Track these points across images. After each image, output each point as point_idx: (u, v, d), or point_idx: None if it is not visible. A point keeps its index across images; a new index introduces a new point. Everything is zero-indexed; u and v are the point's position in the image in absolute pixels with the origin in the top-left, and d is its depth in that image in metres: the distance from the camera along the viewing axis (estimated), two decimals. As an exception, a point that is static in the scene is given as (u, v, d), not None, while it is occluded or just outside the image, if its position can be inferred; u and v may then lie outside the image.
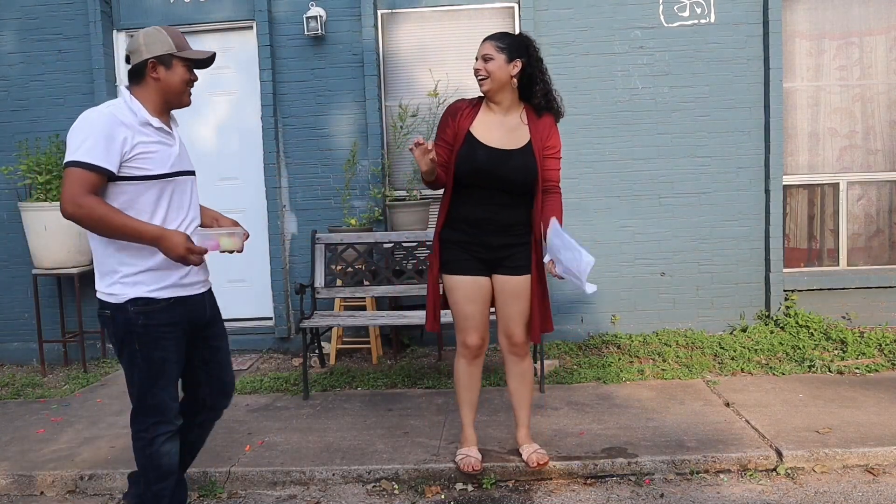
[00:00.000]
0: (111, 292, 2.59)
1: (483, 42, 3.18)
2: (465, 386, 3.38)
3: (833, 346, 5.08)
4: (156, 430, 2.69)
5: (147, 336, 2.60)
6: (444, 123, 3.25)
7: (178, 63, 2.63)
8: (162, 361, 2.64)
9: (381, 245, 5.15)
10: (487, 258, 3.24)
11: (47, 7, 5.71)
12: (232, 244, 2.64)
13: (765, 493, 3.19)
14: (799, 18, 5.63)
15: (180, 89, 2.67)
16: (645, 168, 5.58)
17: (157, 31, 2.64)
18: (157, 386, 2.66)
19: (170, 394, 2.70)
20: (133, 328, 2.58)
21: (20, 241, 5.63)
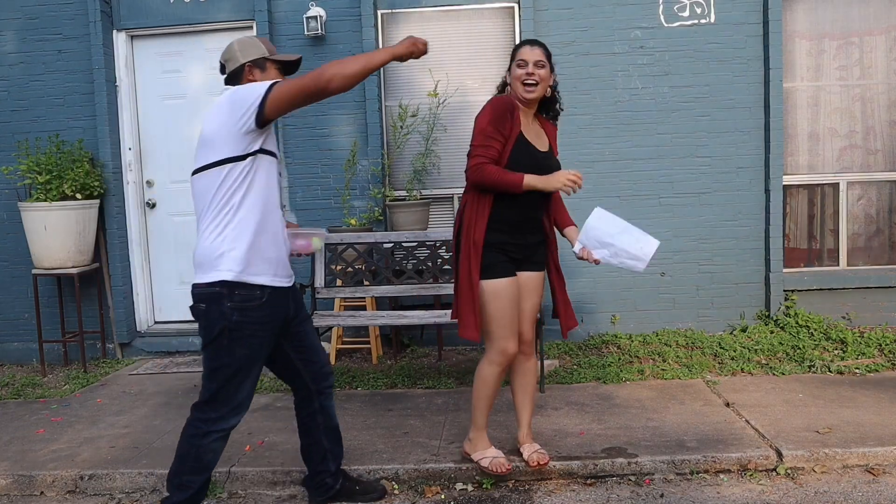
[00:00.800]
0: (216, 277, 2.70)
1: (531, 47, 3.17)
2: (493, 392, 3.29)
3: (833, 346, 5.08)
4: (214, 426, 2.77)
5: (238, 332, 2.70)
6: (503, 117, 3.12)
7: (271, 66, 2.85)
8: (247, 359, 2.75)
9: (381, 245, 5.15)
10: (519, 257, 3.23)
11: (47, 7, 5.71)
12: (320, 245, 3.02)
13: (765, 493, 3.19)
14: (799, 18, 5.63)
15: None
16: (645, 168, 5.59)
17: (250, 38, 2.87)
18: (234, 382, 2.75)
19: (247, 391, 2.81)
20: (227, 324, 2.68)
21: (20, 241, 5.63)
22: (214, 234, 2.70)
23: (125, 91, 5.86)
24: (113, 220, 5.74)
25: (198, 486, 2.83)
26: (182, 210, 5.92)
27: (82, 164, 5.51)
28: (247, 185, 2.70)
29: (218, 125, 2.65)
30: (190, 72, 5.84)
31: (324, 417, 3.10)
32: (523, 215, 3.19)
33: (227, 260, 2.68)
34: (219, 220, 2.70)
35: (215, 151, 2.66)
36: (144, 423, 4.24)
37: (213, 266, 2.69)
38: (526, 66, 3.13)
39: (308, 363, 3.03)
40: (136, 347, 5.87)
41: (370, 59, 2.67)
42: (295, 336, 2.98)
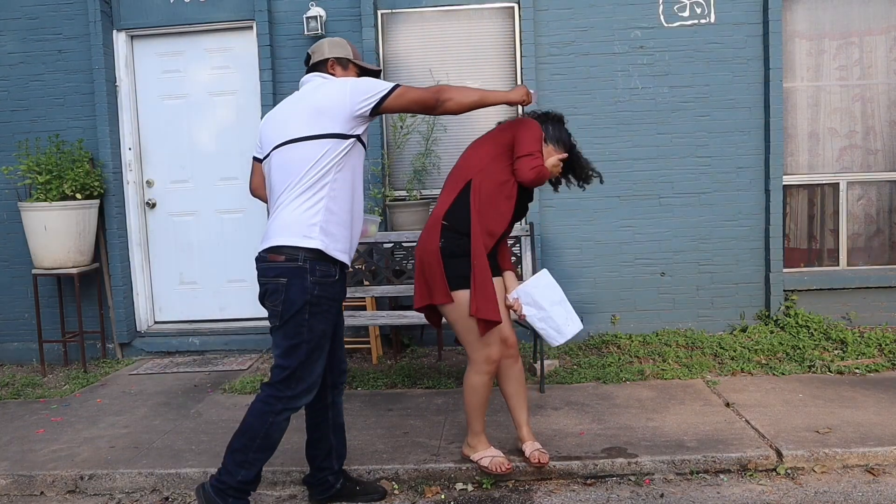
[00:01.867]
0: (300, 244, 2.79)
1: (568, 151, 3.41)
2: (487, 399, 3.33)
3: (833, 346, 5.08)
4: (292, 403, 2.83)
5: (318, 307, 2.79)
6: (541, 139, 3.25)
7: (352, 67, 3.06)
8: (323, 334, 2.83)
9: (381, 245, 5.15)
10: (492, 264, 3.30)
11: (47, 7, 5.71)
12: (375, 232, 3.19)
13: (765, 493, 3.19)
14: (799, 18, 5.63)
15: None
16: (645, 168, 5.59)
17: (340, 39, 3.10)
18: (312, 360, 2.83)
19: (321, 368, 2.88)
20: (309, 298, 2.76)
21: (20, 241, 5.63)
22: (308, 205, 2.78)
23: (125, 91, 5.86)
24: (113, 220, 5.74)
25: (262, 464, 2.88)
26: (182, 210, 5.92)
27: (82, 164, 5.51)
28: (343, 164, 2.82)
29: (333, 102, 2.80)
30: (190, 72, 5.84)
31: (334, 413, 3.13)
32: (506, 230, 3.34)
33: (319, 231, 2.77)
34: (313, 192, 2.78)
35: (322, 125, 2.79)
36: (144, 423, 4.24)
37: (305, 234, 2.76)
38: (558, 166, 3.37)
39: (332, 354, 3.06)
40: (136, 347, 5.87)
41: (485, 96, 2.99)
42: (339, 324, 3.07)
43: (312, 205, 2.78)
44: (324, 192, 2.79)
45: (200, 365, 5.48)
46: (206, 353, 5.79)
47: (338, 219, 2.83)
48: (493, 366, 3.25)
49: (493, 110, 4.68)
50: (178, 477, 3.48)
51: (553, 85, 5.53)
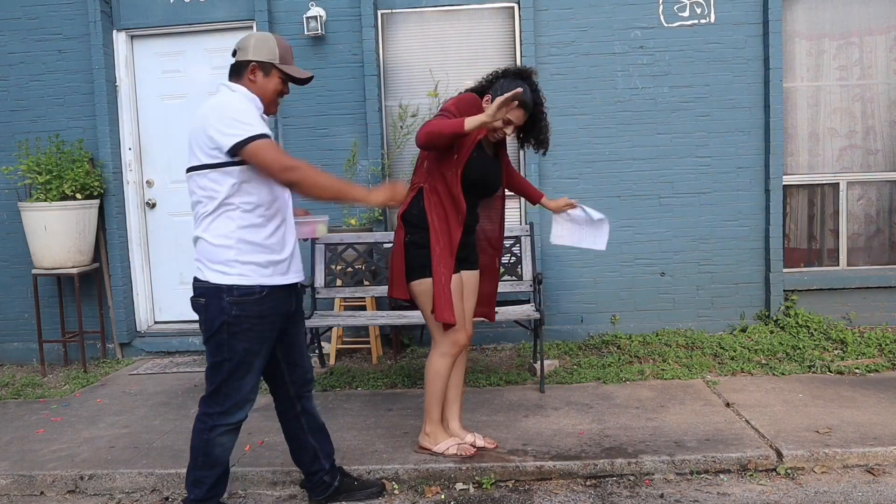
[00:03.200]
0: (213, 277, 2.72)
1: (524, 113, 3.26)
2: (446, 382, 3.46)
3: (833, 346, 5.08)
4: (219, 420, 2.78)
5: (237, 327, 2.70)
6: (469, 107, 3.23)
7: (276, 73, 2.76)
8: (246, 353, 2.74)
9: (381, 245, 5.15)
10: (462, 256, 3.39)
11: (47, 7, 5.71)
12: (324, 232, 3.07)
13: (765, 493, 3.19)
14: (799, 18, 5.63)
15: (270, 98, 2.78)
16: (645, 168, 5.59)
17: (268, 37, 2.78)
18: (236, 377, 2.75)
19: (249, 385, 2.80)
20: (226, 318, 2.69)
21: (20, 241, 5.63)
22: (221, 236, 2.70)
23: (125, 91, 5.86)
24: (113, 220, 5.74)
25: (211, 482, 2.84)
26: (182, 210, 5.91)
27: (82, 164, 5.51)
28: (245, 185, 2.67)
29: (199, 131, 2.67)
30: (190, 72, 5.84)
31: (307, 418, 3.09)
32: (472, 215, 3.38)
33: (234, 264, 2.69)
34: (223, 221, 2.69)
35: (209, 154, 2.65)
36: (144, 423, 4.24)
37: (220, 270, 2.70)
38: (509, 125, 3.25)
39: (293, 367, 3.00)
40: (136, 347, 5.87)
41: (343, 190, 2.74)
42: (285, 335, 2.94)
43: (225, 234, 2.69)
44: (234, 221, 2.68)
45: (200, 365, 5.47)
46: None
47: (254, 245, 2.71)
48: (458, 349, 3.39)
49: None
50: (178, 477, 3.48)
51: (553, 85, 5.53)
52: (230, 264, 2.69)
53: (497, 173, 3.45)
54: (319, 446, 3.12)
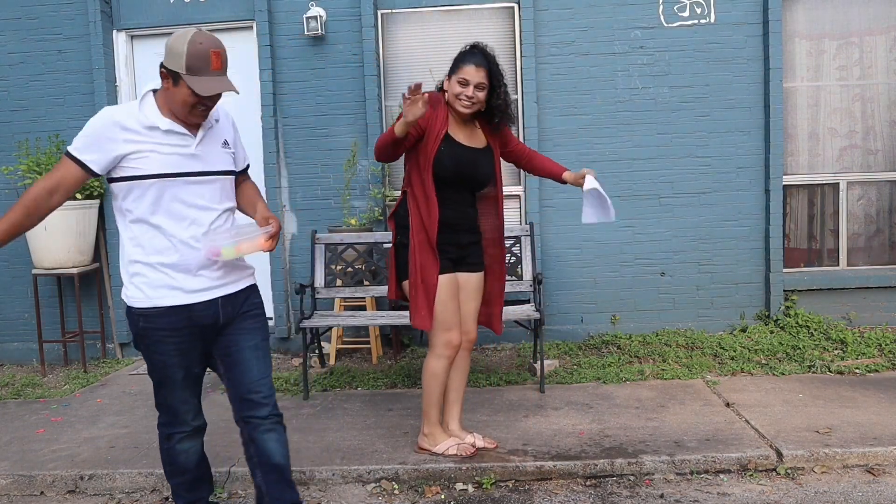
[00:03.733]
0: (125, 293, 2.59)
1: (476, 68, 3.20)
2: (442, 384, 3.46)
3: (833, 346, 5.08)
4: (170, 429, 2.73)
5: (147, 339, 2.58)
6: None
7: (184, 84, 2.43)
8: (163, 366, 2.61)
9: (381, 245, 5.15)
10: (455, 256, 3.37)
11: (47, 7, 5.71)
12: (233, 254, 2.47)
13: (765, 493, 3.19)
14: (799, 18, 5.63)
15: (181, 109, 2.48)
16: (645, 168, 5.58)
17: (179, 41, 2.43)
18: (164, 388, 2.66)
19: (178, 397, 2.67)
20: (136, 330, 2.59)
21: (20, 241, 5.60)
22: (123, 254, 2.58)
23: (125, 91, 5.86)
24: (113, 220, 5.69)
25: (186, 486, 2.82)
26: (182, 210, 5.91)
27: (82, 164, 5.51)
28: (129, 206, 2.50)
29: None
30: (190, 72, 5.83)
31: (257, 451, 2.63)
32: (458, 213, 3.33)
33: (130, 284, 2.55)
34: (123, 236, 2.56)
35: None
36: (144, 423, 4.24)
37: (125, 285, 2.58)
38: (467, 86, 3.20)
39: (233, 384, 2.65)
40: (136, 347, 5.87)
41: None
42: (223, 346, 2.65)
43: (124, 254, 2.57)
44: (128, 234, 2.54)
45: (200, 365, 5.47)
46: (206, 353, 5.79)
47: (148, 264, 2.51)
48: (452, 350, 3.39)
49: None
50: (178, 477, 3.48)
51: (553, 85, 5.53)
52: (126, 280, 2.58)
53: (484, 165, 3.36)
54: (267, 489, 2.64)
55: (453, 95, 3.23)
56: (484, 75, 3.20)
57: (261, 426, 2.62)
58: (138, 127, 2.47)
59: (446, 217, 3.28)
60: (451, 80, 3.26)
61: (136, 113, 2.49)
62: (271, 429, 2.64)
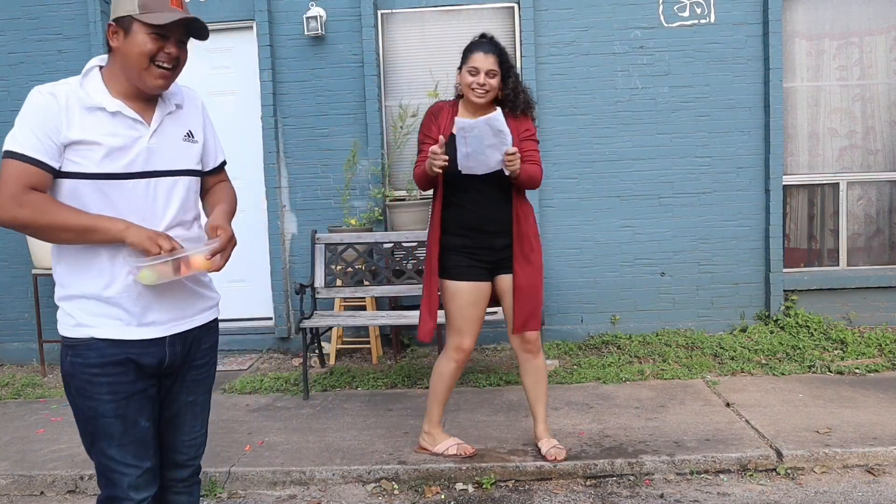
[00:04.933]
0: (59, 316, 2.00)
1: (484, 55, 3.20)
2: (448, 385, 3.47)
3: (833, 346, 5.08)
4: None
5: (77, 379, 1.97)
6: (428, 122, 3.34)
7: (140, 28, 1.88)
8: (94, 416, 1.97)
9: (381, 245, 5.15)
10: (492, 260, 3.31)
11: (47, 7, 5.71)
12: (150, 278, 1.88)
13: (765, 493, 3.19)
14: (799, 18, 5.63)
15: (139, 64, 1.91)
16: (645, 168, 5.59)
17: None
18: (96, 448, 1.99)
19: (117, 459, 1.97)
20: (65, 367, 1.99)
21: (20, 241, 5.63)
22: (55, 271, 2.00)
23: (113, 81, 5.85)
24: (113, 220, 5.72)
25: None
26: (182, 210, 5.91)
27: (82, 164, 5.50)
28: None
29: None
30: (189, 71, 5.81)
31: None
32: (479, 216, 3.26)
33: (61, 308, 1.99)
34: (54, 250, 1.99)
35: None
36: (144, 423, 4.24)
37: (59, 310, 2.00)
38: (477, 74, 3.20)
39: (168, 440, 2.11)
40: (136, 347, 5.87)
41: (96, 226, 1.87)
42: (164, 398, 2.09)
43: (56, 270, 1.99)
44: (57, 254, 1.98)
45: (200, 365, 5.47)
46: (206, 353, 5.78)
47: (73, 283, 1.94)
48: (461, 354, 3.37)
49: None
50: (178, 477, 3.48)
51: (553, 85, 5.53)
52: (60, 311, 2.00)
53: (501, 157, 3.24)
54: None
55: (466, 86, 3.23)
56: (493, 61, 3.19)
57: (174, 488, 2.17)
58: (80, 108, 1.93)
59: (468, 221, 3.26)
60: (462, 71, 3.25)
61: (76, 91, 1.95)
62: (184, 491, 2.20)
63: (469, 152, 3.05)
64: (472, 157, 3.06)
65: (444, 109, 3.33)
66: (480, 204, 3.25)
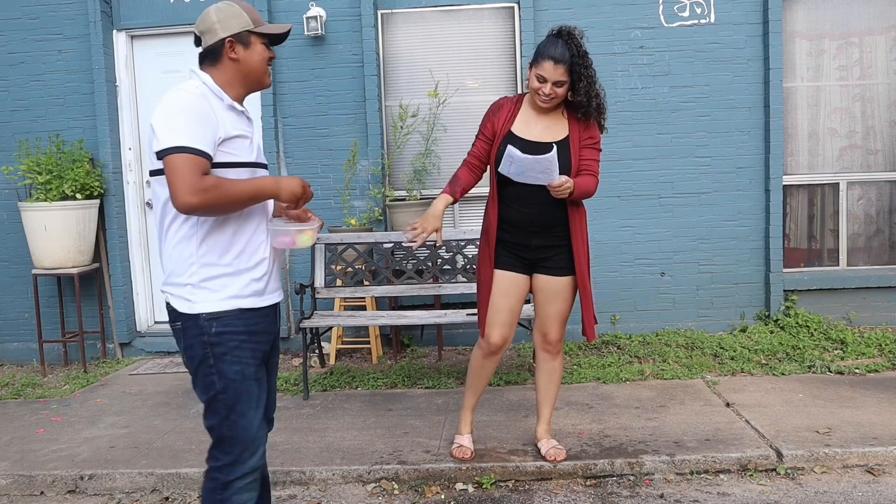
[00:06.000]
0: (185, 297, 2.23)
1: (554, 66, 3.04)
2: (477, 374, 3.46)
3: (833, 346, 5.08)
4: (231, 472, 2.25)
5: (221, 346, 2.22)
6: (486, 119, 3.32)
7: (256, 40, 2.31)
8: (242, 379, 2.24)
9: (381, 245, 5.15)
10: (528, 258, 3.31)
11: (47, 7, 5.71)
12: (309, 241, 2.36)
13: (765, 493, 3.19)
14: (799, 18, 5.63)
15: (261, 69, 2.34)
16: (645, 168, 5.59)
17: (228, 5, 2.31)
18: (237, 411, 2.24)
19: (254, 420, 2.28)
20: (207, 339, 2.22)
21: (20, 241, 5.63)
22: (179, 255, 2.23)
23: (125, 91, 5.86)
24: (113, 220, 5.74)
25: None
26: (182, 210, 5.91)
27: (82, 164, 5.51)
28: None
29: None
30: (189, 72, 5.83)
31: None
32: (522, 214, 3.24)
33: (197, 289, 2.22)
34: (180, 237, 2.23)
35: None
36: (144, 423, 4.24)
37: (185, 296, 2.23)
38: (545, 83, 3.09)
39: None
40: (136, 347, 5.87)
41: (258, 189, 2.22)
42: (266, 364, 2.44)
43: (185, 255, 2.22)
44: (192, 237, 2.21)
45: (200, 365, 5.47)
46: (206, 353, 5.78)
47: (219, 265, 2.22)
48: (488, 345, 3.36)
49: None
50: (178, 477, 3.49)
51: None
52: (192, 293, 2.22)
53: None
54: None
55: (532, 89, 3.15)
56: (563, 72, 3.04)
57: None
58: (222, 108, 2.25)
59: (509, 217, 3.26)
60: (531, 73, 3.15)
61: (213, 89, 2.27)
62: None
63: (512, 172, 3.09)
64: (515, 175, 3.10)
65: (505, 107, 3.26)
66: (523, 203, 3.21)
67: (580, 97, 3.11)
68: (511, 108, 3.27)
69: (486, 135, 3.28)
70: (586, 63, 3.08)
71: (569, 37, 3.08)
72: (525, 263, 3.32)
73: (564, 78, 3.07)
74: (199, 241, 2.21)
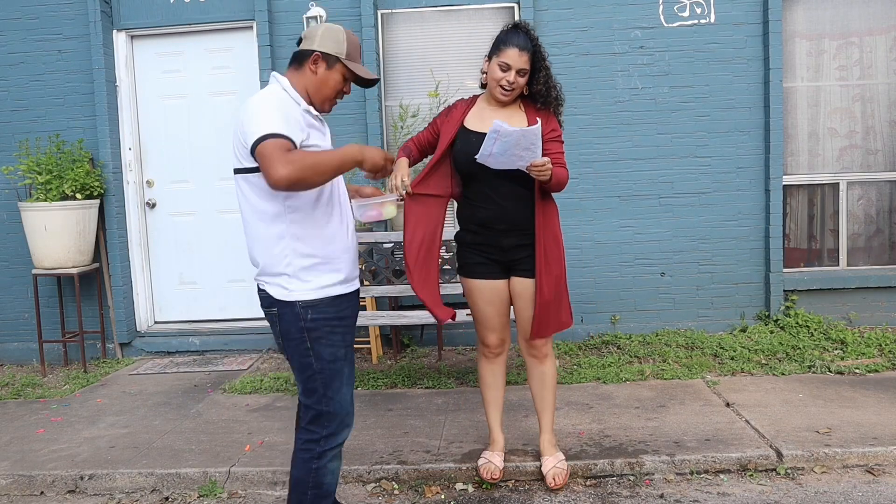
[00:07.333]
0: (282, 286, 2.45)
1: (519, 52, 3.02)
2: (490, 384, 3.38)
3: (833, 346, 5.08)
4: (327, 444, 2.53)
5: (317, 332, 2.46)
6: (442, 114, 3.32)
7: (339, 68, 2.56)
8: (334, 360, 2.50)
9: (381, 245, 5.15)
10: (503, 260, 3.19)
11: (47, 7, 5.71)
12: (393, 211, 2.66)
13: (765, 493, 3.19)
14: (799, 18, 5.63)
15: (328, 94, 2.57)
16: (645, 168, 5.59)
17: (338, 29, 2.57)
18: (333, 388, 2.51)
19: (347, 396, 2.56)
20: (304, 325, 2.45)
21: (20, 241, 5.63)
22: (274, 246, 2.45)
23: (125, 91, 5.86)
24: (113, 220, 5.74)
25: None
26: (182, 210, 5.91)
27: (82, 164, 5.51)
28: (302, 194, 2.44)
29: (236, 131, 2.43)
30: (190, 72, 5.83)
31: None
32: (488, 213, 3.13)
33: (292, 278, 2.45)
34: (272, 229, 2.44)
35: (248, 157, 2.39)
36: (144, 423, 4.24)
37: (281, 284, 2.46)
38: (508, 70, 3.04)
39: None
40: (136, 347, 5.87)
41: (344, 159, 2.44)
42: None
43: (279, 246, 2.44)
44: (283, 228, 2.43)
45: (200, 365, 5.48)
46: (206, 353, 5.79)
47: (311, 252, 2.45)
48: (487, 350, 3.33)
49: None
50: (178, 477, 3.49)
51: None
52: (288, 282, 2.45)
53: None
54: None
55: (493, 80, 3.09)
56: (526, 60, 3.03)
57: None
58: (301, 110, 2.46)
59: (478, 217, 3.17)
60: (492, 62, 3.10)
61: (292, 94, 2.48)
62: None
63: (494, 153, 2.91)
64: (494, 158, 2.94)
65: (458, 107, 3.25)
66: (490, 200, 3.12)
67: (539, 86, 3.10)
68: (464, 107, 3.24)
69: (433, 129, 3.25)
70: (544, 55, 3.12)
71: (527, 29, 3.11)
72: (502, 268, 3.21)
73: (527, 66, 3.06)
74: (291, 235, 2.42)
